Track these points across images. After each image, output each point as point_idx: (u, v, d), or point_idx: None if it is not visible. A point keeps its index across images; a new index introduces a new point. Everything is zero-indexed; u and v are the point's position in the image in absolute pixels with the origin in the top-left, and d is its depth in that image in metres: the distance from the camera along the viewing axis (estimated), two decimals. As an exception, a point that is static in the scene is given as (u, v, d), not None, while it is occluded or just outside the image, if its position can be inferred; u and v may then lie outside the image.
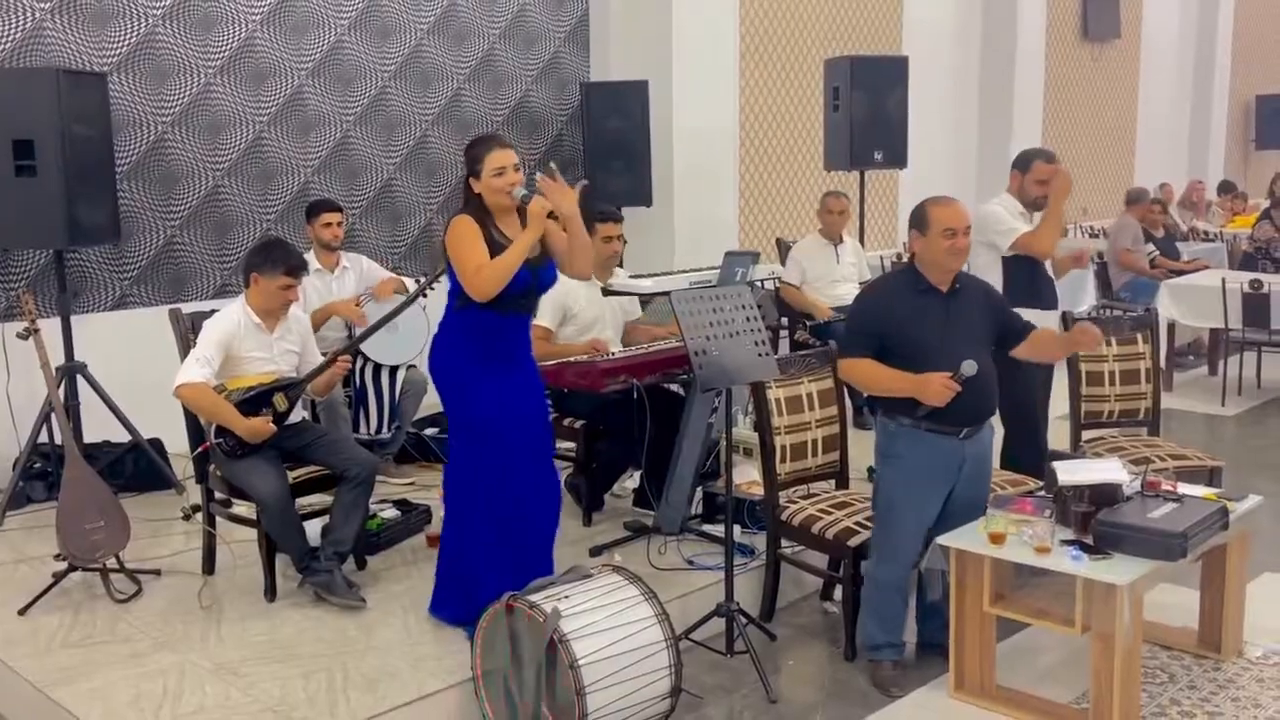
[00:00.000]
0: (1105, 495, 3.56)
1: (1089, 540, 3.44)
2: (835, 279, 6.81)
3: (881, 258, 8.48)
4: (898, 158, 7.59)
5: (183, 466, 5.26)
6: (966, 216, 3.68)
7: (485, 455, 3.71)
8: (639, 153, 7.52)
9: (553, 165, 3.76)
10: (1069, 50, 12.08)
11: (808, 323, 6.69)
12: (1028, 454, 4.61)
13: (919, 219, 3.70)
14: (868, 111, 7.37)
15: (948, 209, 3.67)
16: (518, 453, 3.73)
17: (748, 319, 3.83)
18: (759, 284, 4.37)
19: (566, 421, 4.94)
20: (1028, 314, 4.59)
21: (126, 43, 5.88)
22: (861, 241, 7.36)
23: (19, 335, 4.38)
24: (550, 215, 3.56)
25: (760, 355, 3.80)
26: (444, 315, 3.78)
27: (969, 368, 3.50)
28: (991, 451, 3.87)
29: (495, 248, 3.59)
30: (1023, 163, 4.89)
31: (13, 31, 5.52)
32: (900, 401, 3.63)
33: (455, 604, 3.84)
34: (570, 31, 7.88)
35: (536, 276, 3.71)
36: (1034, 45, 11.07)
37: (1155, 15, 13.30)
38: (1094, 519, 3.46)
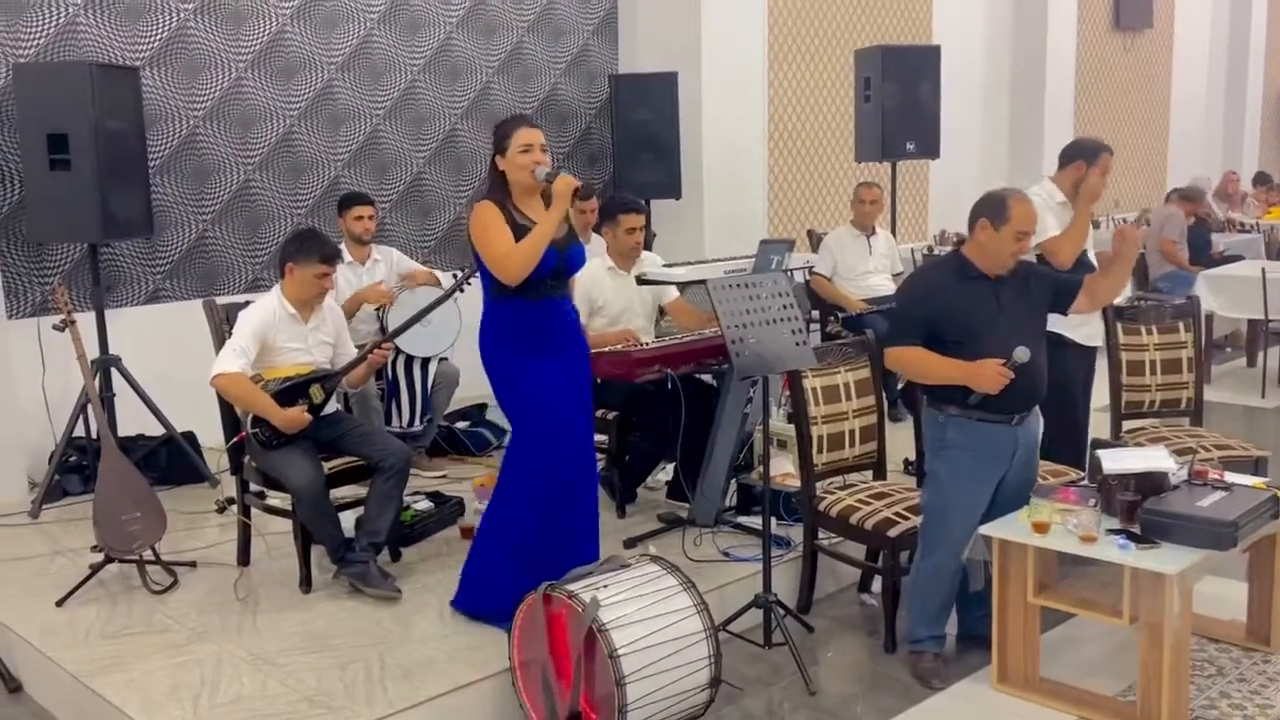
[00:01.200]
0: (1152, 483, 3.50)
1: (1136, 529, 3.38)
2: (867, 270, 6.75)
3: (913, 250, 8.42)
4: (930, 148, 7.53)
5: (216, 460, 5.29)
6: (1037, 219, 3.63)
7: (533, 441, 3.68)
8: (668, 145, 7.49)
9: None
10: (1100, 40, 11.96)
11: (839, 314, 6.64)
12: (1068, 444, 4.54)
13: (997, 211, 3.56)
14: (899, 102, 7.32)
15: (1028, 210, 3.57)
16: (565, 439, 3.69)
17: (784, 307, 3.78)
18: (791, 273, 4.31)
19: (599, 413, 4.88)
20: None
21: (158, 37, 5.90)
22: (893, 233, 7.30)
23: (54, 327, 4.39)
24: (576, 192, 3.53)
25: (797, 344, 3.76)
26: (484, 307, 3.75)
27: (1022, 354, 3.45)
28: (1039, 438, 3.81)
29: (518, 231, 3.56)
30: (1090, 153, 4.64)
31: (46, 27, 5.54)
32: (950, 390, 3.57)
33: (481, 597, 3.81)
34: (599, 24, 7.86)
35: (564, 258, 3.66)
36: (1065, 35, 10.96)
37: (1188, 5, 13.14)
38: (1140, 507, 3.39)
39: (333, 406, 4.32)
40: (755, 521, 4.57)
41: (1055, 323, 4.52)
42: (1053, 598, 3.50)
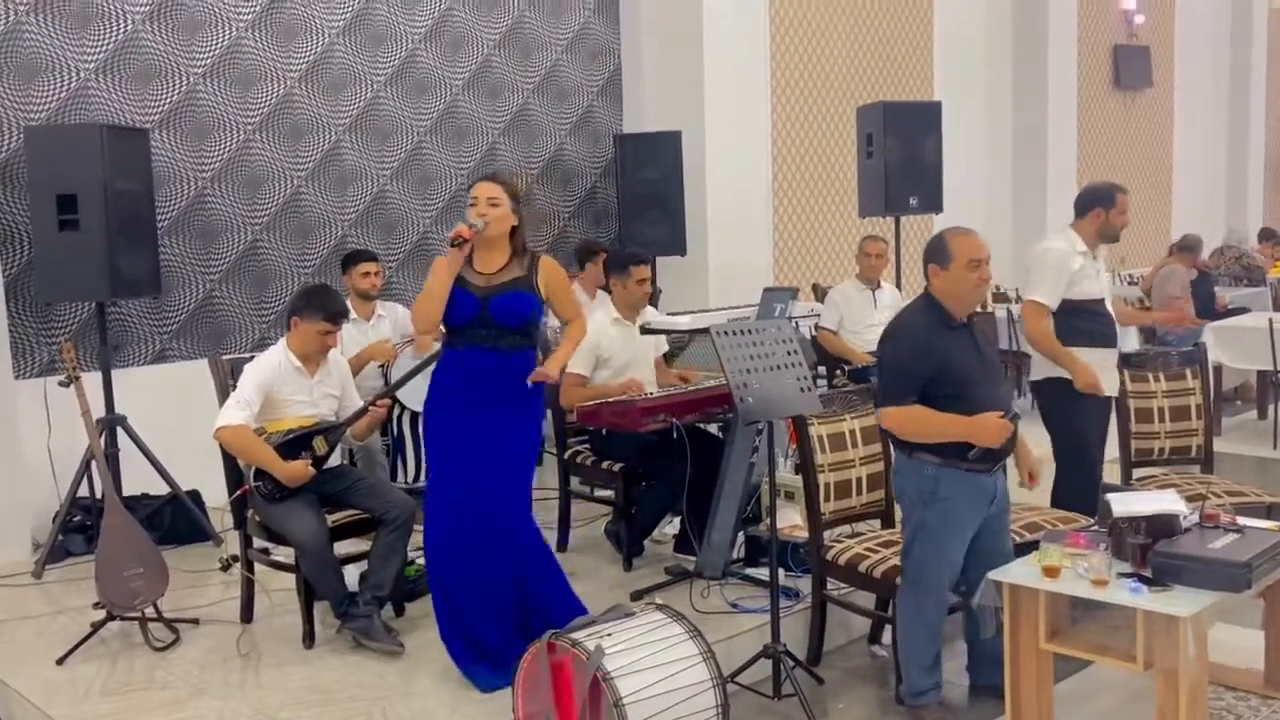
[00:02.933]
0: (1162, 526, 3.45)
1: (1147, 573, 3.33)
2: (873, 323, 6.75)
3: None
4: (933, 203, 7.55)
5: (220, 518, 5.27)
6: (986, 246, 3.58)
7: (431, 488, 3.74)
8: (673, 202, 7.56)
9: None
10: (1101, 99, 12.06)
11: (845, 368, 6.64)
12: (1082, 495, 4.47)
13: (938, 252, 3.55)
14: (902, 157, 7.33)
15: (969, 239, 3.55)
16: (456, 499, 3.68)
17: (788, 353, 3.78)
18: (796, 321, 4.32)
19: (605, 465, 4.90)
20: (1087, 354, 4.54)
21: (168, 100, 6.00)
22: (898, 287, 7.32)
23: (60, 383, 4.41)
24: (453, 240, 3.61)
25: (803, 389, 3.75)
26: None
27: (1016, 404, 3.43)
28: (1008, 485, 3.77)
29: (456, 281, 3.66)
30: (1105, 198, 4.65)
31: (59, 91, 5.64)
32: (944, 444, 3.53)
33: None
34: (603, 85, 7.97)
35: (486, 305, 3.65)
36: (1066, 94, 11.06)
37: (1187, 64, 13.28)
38: (1152, 550, 3.35)
39: (336, 460, 4.32)
40: (763, 573, 4.48)
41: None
42: (1065, 644, 3.44)
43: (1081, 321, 4.62)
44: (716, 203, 7.79)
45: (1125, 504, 3.54)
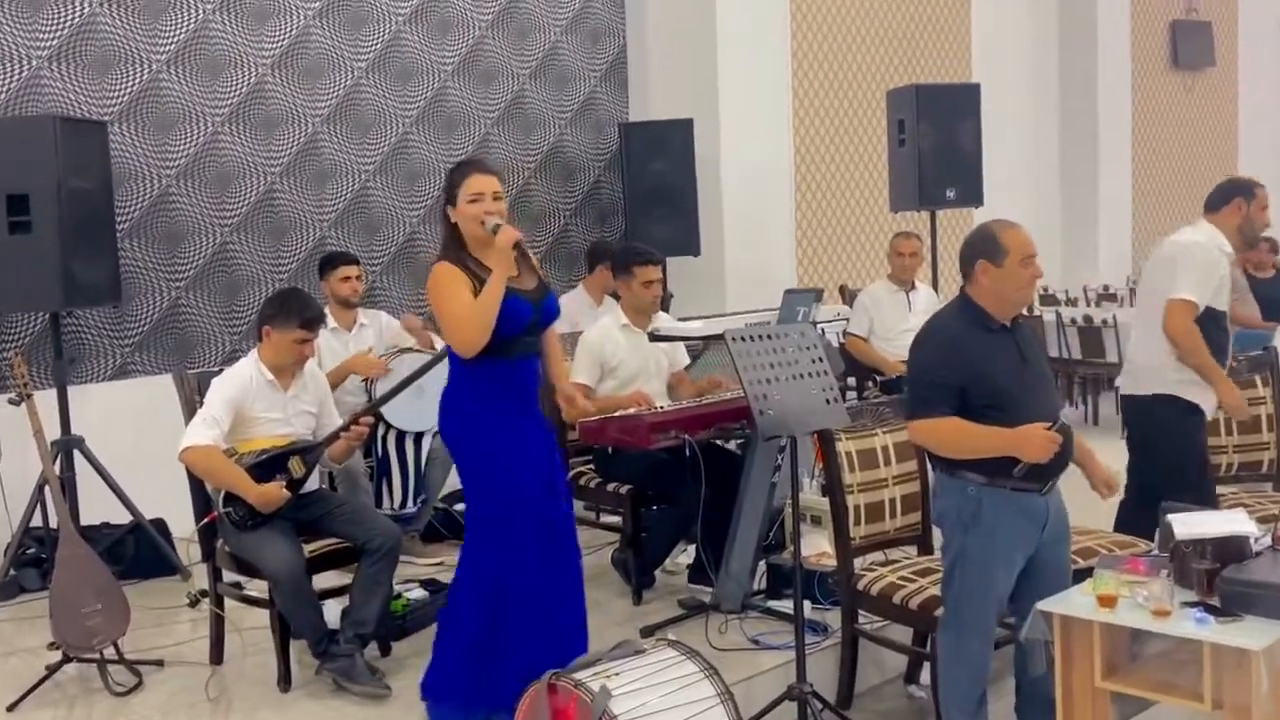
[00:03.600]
0: (1230, 550, 3.41)
1: (1215, 601, 3.30)
2: (907, 329, 6.68)
3: (957, 309, 8.39)
4: (973, 195, 7.56)
5: (188, 550, 5.27)
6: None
7: (501, 512, 3.67)
8: (684, 198, 7.56)
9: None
10: (1158, 80, 12.04)
11: (877, 378, 6.62)
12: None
13: (989, 247, 3.52)
14: (937, 145, 7.36)
15: (1020, 234, 3.53)
16: (541, 510, 3.68)
17: (812, 360, 3.76)
18: (822, 327, 4.30)
19: (611, 487, 4.89)
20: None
21: (128, 90, 6.03)
22: (935, 288, 7.30)
23: (10, 401, 4.42)
24: (516, 246, 3.52)
25: (828, 401, 3.73)
26: (450, 374, 3.75)
27: (1064, 414, 3.40)
28: (1065, 506, 3.74)
29: (480, 284, 3.56)
30: (1246, 189, 4.55)
31: (8, 81, 5.67)
32: (989, 461, 3.50)
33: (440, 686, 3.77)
34: (607, 69, 7.99)
35: (539, 310, 3.68)
36: (1119, 74, 11.06)
37: (1252, 40, 13.25)
38: (1219, 576, 3.32)
39: (315, 484, 4.31)
40: (787, 606, 4.46)
41: (1187, 390, 4.48)
42: (1123, 681, 3.40)
43: (1209, 332, 4.50)
44: (732, 198, 7.81)
45: (1188, 525, 3.50)
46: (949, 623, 3.64)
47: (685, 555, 5.11)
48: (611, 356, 4.87)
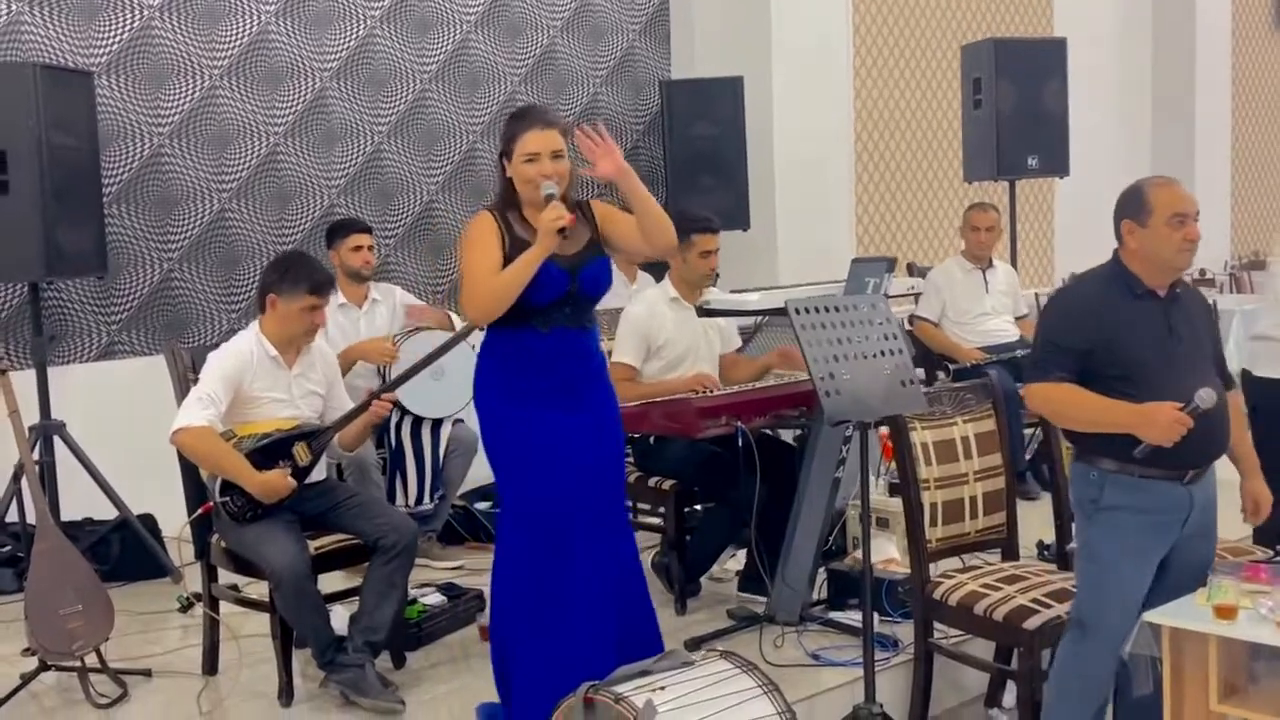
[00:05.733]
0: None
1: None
2: (984, 311, 6.64)
3: (1035, 295, 8.27)
4: (1057, 164, 7.47)
5: (179, 551, 5.21)
6: (1195, 200, 3.51)
7: (525, 518, 3.61)
8: (732, 165, 7.46)
9: (598, 124, 3.64)
10: (1261, 40, 11.88)
11: (950, 367, 6.51)
12: None
13: (1134, 205, 3.51)
14: (1018, 107, 7.26)
15: (1172, 190, 3.50)
16: (569, 518, 3.60)
17: (885, 337, 3.68)
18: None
19: (653, 482, 4.82)
20: None
21: (117, 39, 5.99)
22: (1014, 265, 7.18)
23: (-18, 378, 4.36)
24: (561, 232, 3.46)
25: (903, 383, 3.64)
26: (484, 337, 3.73)
27: (1206, 397, 3.29)
28: (1216, 499, 3.63)
29: (517, 247, 3.54)
30: None
31: (-16, 26, 5.64)
32: (1109, 440, 3.41)
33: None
34: (647, 22, 7.90)
35: (577, 279, 3.60)
36: (1218, 35, 10.92)
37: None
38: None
39: (321, 474, 4.25)
40: (852, 617, 4.42)
41: None
42: (1244, 705, 3.30)
43: None
44: (786, 166, 7.69)
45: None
46: (1071, 628, 3.58)
47: (734, 561, 5.06)
48: (658, 334, 4.79)
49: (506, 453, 3.66)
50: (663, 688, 3.12)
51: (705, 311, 4.59)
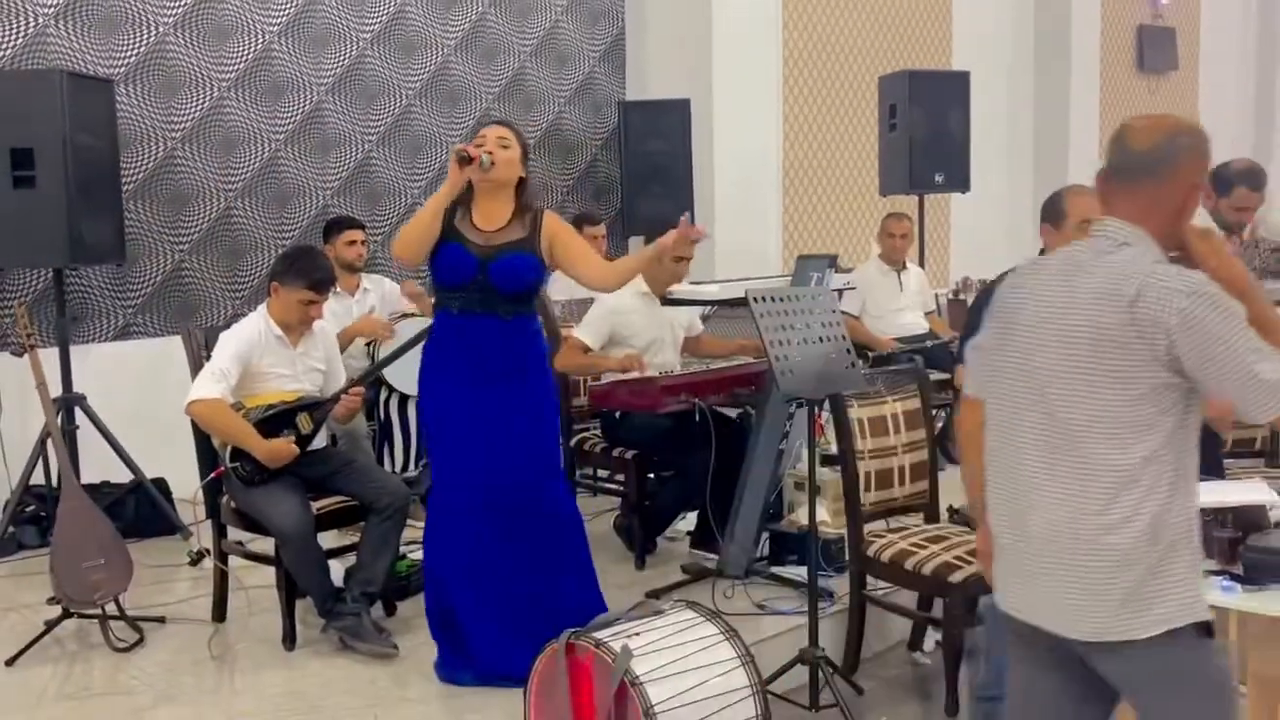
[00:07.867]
0: (1250, 519, 3.22)
1: (1238, 570, 3.10)
2: (898, 308, 6.56)
3: (936, 295, 8.20)
4: (960, 181, 7.38)
5: (190, 511, 5.00)
6: None
7: (445, 486, 3.52)
8: (680, 176, 7.32)
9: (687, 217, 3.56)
10: (1124, 81, 11.90)
11: (870, 354, 6.41)
12: None
13: (1052, 210, 3.51)
14: (928, 131, 7.16)
15: (1087, 198, 3.43)
16: (481, 490, 3.47)
17: (825, 324, 3.56)
18: (840, 293, 4.07)
19: (616, 452, 4.67)
20: None
21: (135, 51, 5.72)
22: (922, 267, 7.10)
23: (13, 352, 4.15)
24: (463, 159, 3.39)
25: (847, 365, 3.52)
26: None
27: None
28: None
29: (446, 229, 3.46)
30: None
31: (14, 37, 5.36)
32: None
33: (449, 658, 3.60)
34: (606, 50, 7.72)
35: (485, 269, 3.44)
36: (1089, 75, 10.92)
37: (1213, 45, 13.12)
38: (1242, 545, 3.12)
39: (322, 442, 4.08)
40: (791, 572, 4.33)
41: None
42: None
43: None
44: (725, 176, 7.55)
45: (1209, 494, 3.30)
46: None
47: (685, 523, 4.91)
48: (624, 328, 4.60)
49: (423, 419, 3.70)
50: (637, 634, 2.98)
51: (669, 301, 4.45)
